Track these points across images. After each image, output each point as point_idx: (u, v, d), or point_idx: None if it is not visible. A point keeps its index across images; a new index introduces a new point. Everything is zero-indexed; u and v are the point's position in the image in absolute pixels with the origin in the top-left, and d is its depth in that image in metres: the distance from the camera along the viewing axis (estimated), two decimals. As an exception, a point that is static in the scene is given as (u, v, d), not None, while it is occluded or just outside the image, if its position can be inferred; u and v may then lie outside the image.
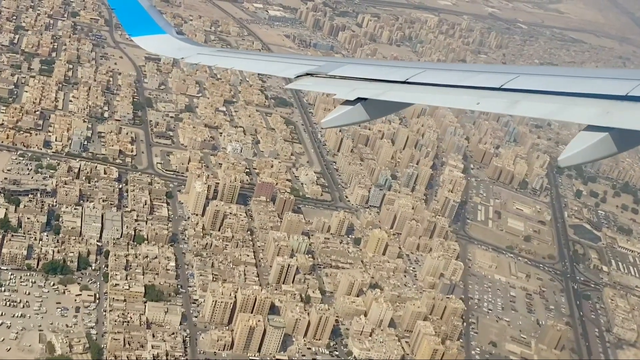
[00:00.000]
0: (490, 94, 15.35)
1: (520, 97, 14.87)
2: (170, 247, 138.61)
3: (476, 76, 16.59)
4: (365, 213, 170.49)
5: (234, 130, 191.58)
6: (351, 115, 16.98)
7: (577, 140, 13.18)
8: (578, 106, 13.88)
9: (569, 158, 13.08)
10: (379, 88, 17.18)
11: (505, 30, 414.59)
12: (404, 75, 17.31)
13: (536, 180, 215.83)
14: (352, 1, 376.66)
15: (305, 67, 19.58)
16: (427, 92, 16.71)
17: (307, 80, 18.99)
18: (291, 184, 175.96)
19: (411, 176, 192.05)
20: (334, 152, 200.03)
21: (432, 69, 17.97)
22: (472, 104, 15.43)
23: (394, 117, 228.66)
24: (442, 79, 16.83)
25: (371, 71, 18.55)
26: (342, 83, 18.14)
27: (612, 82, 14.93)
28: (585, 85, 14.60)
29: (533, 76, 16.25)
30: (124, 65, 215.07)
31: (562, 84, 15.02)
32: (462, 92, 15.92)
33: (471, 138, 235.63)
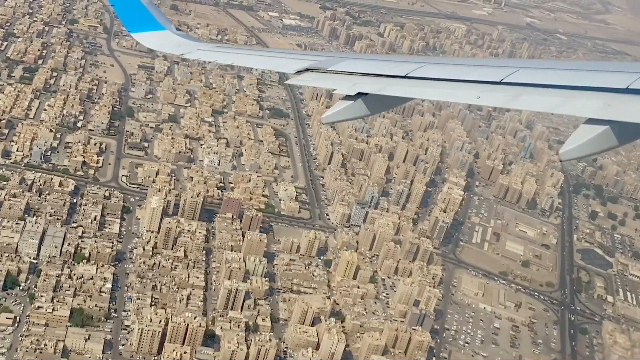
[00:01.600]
0: (491, 87, 15.38)
1: (520, 91, 14.80)
2: (113, 266, 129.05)
3: (476, 70, 16.71)
4: (342, 233, 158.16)
5: (215, 142, 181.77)
6: (352, 110, 17.03)
7: (578, 133, 13.15)
8: (579, 99, 13.87)
9: (569, 151, 12.99)
10: (380, 83, 17.21)
11: (541, 41, 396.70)
12: (404, 70, 17.28)
13: (545, 199, 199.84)
14: (377, 10, 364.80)
15: (306, 63, 19.65)
16: (427, 87, 16.64)
17: (308, 76, 19.02)
18: (267, 199, 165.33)
19: (401, 193, 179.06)
20: (324, 167, 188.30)
21: (432, 64, 18.07)
22: (473, 98, 15.42)
23: (396, 130, 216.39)
24: (443, 74, 16.92)
25: (371, 66, 18.71)
26: (342, 78, 18.16)
27: (612, 75, 14.83)
28: (585, 79, 14.58)
29: (533, 70, 16.41)
30: (113, 74, 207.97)
31: (562, 77, 15.05)
32: (463, 86, 15.91)
33: (481, 153, 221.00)
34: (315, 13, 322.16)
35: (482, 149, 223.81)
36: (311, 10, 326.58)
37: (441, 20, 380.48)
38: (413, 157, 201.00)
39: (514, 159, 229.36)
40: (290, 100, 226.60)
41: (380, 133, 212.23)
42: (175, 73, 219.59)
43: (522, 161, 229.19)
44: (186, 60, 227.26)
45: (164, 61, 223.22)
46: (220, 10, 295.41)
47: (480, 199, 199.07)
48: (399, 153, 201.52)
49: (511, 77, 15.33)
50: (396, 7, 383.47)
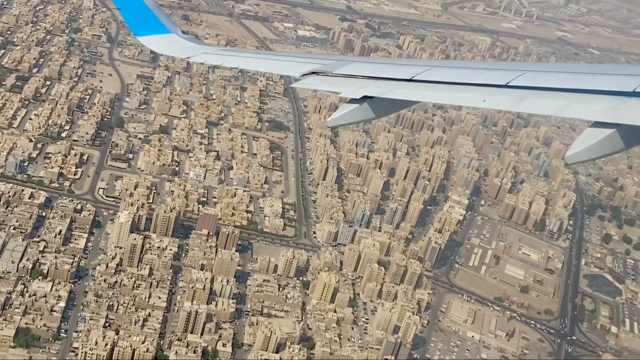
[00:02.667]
0: (497, 91, 15.30)
1: (526, 94, 14.81)
2: (72, 284, 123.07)
3: (482, 74, 16.67)
4: (326, 252, 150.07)
5: (204, 154, 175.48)
6: (357, 113, 16.90)
7: (584, 136, 13.07)
8: (585, 103, 13.85)
9: (575, 155, 12.91)
10: (385, 86, 17.13)
11: (572, 56, 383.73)
12: (410, 73, 17.25)
13: (554, 221, 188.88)
14: (399, 22, 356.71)
15: (311, 66, 19.59)
16: (433, 90, 16.52)
17: (313, 79, 19.03)
18: (251, 215, 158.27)
19: (395, 212, 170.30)
20: (318, 182, 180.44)
21: (438, 67, 18.01)
22: (479, 101, 15.24)
23: (401, 145, 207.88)
24: (448, 77, 16.80)
25: (377, 69, 18.57)
26: (347, 81, 18.11)
27: (619, 78, 14.84)
28: (592, 82, 14.58)
29: (539, 73, 16.30)
30: (110, 83, 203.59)
31: (568, 80, 14.92)
32: (468, 89, 15.89)
33: (491, 171, 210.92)
34: (333, 25, 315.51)
35: (492, 166, 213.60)
36: (329, 22, 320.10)
37: (466, 33, 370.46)
38: (415, 174, 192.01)
39: (526, 177, 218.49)
40: (293, 113, 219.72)
41: (382, 148, 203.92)
42: (175, 83, 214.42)
43: (536, 180, 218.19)
44: (188, 70, 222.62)
45: (164, 71, 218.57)
46: (233, 21, 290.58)
47: (484, 219, 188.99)
48: (400, 169, 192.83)
49: (517, 81, 15.29)
50: (420, 20, 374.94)
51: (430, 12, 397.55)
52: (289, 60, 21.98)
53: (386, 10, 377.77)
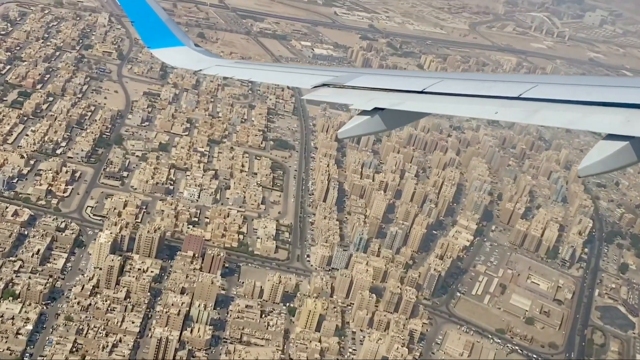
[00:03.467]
0: (509, 103, 15.25)
1: (539, 106, 14.73)
2: (44, 306, 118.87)
3: (494, 86, 16.63)
4: (317, 277, 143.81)
5: (200, 173, 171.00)
6: (368, 125, 16.88)
7: (597, 149, 13.08)
8: (598, 115, 13.73)
9: (588, 167, 12.91)
10: (396, 98, 17.13)
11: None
12: (421, 85, 17.26)
13: (566, 248, 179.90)
14: (423, 42, 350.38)
15: (323, 78, 19.68)
16: (444, 102, 16.55)
17: (324, 91, 19.03)
18: (243, 237, 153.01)
19: (395, 236, 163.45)
20: (319, 203, 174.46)
21: (450, 79, 18.02)
22: (490, 113, 15.23)
23: (411, 166, 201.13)
24: (460, 89, 16.86)
25: (388, 81, 18.80)
26: (358, 93, 18.12)
27: (632, 90, 14.85)
28: (605, 94, 14.52)
29: (552, 85, 16.27)
30: (115, 100, 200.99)
31: (581, 92, 14.89)
32: (480, 101, 15.78)
33: (505, 195, 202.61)
34: (352, 43, 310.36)
35: (506, 190, 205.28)
36: (349, 41, 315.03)
37: (492, 52, 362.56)
38: (421, 197, 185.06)
39: (543, 202, 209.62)
40: (300, 131, 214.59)
41: (389, 169, 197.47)
42: (181, 101, 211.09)
43: (553, 205, 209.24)
44: (197, 88, 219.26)
45: (172, 89, 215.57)
46: (250, 39, 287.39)
47: (493, 245, 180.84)
48: (406, 191, 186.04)
49: (529, 93, 15.24)
50: (445, 39, 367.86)
51: (457, 32, 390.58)
52: (300, 72, 22.09)
53: (410, 30, 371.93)
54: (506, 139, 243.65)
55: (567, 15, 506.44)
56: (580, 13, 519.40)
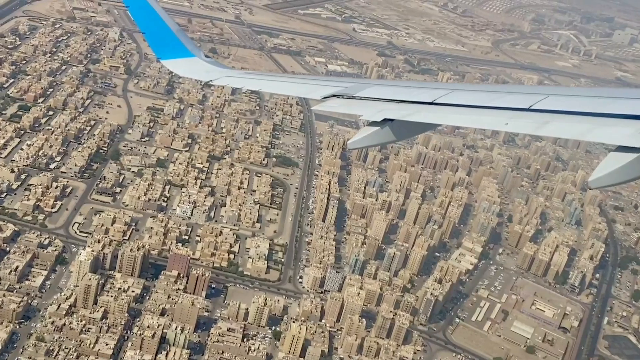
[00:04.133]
0: (519, 114, 15.15)
1: (549, 118, 14.67)
2: (17, 325, 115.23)
3: (504, 97, 16.58)
4: (306, 300, 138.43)
5: (196, 190, 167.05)
6: (378, 136, 16.87)
7: (608, 161, 12.99)
8: (609, 127, 13.71)
9: (599, 179, 12.81)
10: (406, 109, 17.09)
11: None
12: (431, 96, 17.24)
13: (576, 274, 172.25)
14: (442, 59, 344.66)
15: (332, 89, 19.68)
16: (454, 113, 16.44)
17: (334, 102, 19.03)
18: (233, 256, 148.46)
19: (393, 258, 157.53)
20: (317, 222, 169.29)
21: (460, 90, 17.99)
22: (500, 125, 15.20)
23: (417, 186, 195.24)
24: (470, 100, 16.77)
25: (398, 92, 18.70)
26: (368, 104, 18.16)
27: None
28: (615, 106, 14.48)
29: (562, 97, 16.12)
30: (116, 115, 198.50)
31: (592, 104, 14.84)
32: (490, 112, 15.75)
33: (515, 216, 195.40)
34: (368, 60, 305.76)
35: (517, 211, 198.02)
36: (365, 57, 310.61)
37: (513, 70, 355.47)
38: (425, 217, 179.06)
39: (556, 225, 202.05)
40: (306, 148, 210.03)
41: (394, 188, 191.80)
42: (185, 116, 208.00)
43: (566, 228, 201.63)
44: (203, 103, 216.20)
45: (177, 104, 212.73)
46: (263, 55, 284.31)
47: (499, 269, 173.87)
48: (410, 212, 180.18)
49: (540, 104, 15.21)
50: (466, 56, 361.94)
51: (479, 49, 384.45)
52: (310, 83, 22.02)
53: (430, 47, 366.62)
54: (521, 159, 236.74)
55: (595, 34, 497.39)
56: (609, 31, 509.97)
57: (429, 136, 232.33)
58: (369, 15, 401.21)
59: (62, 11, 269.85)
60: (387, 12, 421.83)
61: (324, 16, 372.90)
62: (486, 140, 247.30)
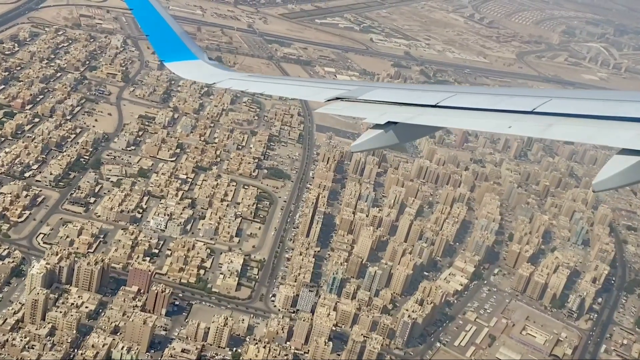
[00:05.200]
0: (523, 117, 15.16)
1: (553, 121, 14.65)
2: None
3: (508, 100, 16.55)
4: (274, 321, 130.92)
5: (174, 201, 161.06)
6: (381, 139, 16.86)
7: (612, 164, 12.95)
8: (613, 129, 13.69)
9: (602, 182, 12.80)
10: (410, 112, 17.07)
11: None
12: (434, 99, 17.22)
13: (574, 297, 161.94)
14: (461, 70, 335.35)
15: (336, 92, 19.72)
16: (458, 116, 16.53)
17: (338, 105, 19.08)
18: (204, 272, 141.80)
19: (374, 277, 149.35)
20: (300, 238, 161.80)
21: (463, 93, 18.08)
22: (504, 128, 15.15)
23: (413, 201, 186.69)
24: (473, 103, 16.78)
25: (401, 95, 18.64)
26: (372, 107, 18.15)
27: None
28: (619, 109, 14.47)
29: (566, 100, 16.08)
30: (105, 123, 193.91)
31: (596, 107, 14.88)
32: (494, 115, 15.76)
33: (516, 235, 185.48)
34: (382, 70, 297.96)
35: (519, 229, 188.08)
36: (379, 68, 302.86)
37: (535, 83, 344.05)
38: (417, 234, 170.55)
39: (561, 244, 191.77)
40: (301, 160, 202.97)
41: (388, 203, 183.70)
42: (178, 125, 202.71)
43: (572, 248, 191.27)
44: (199, 112, 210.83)
45: (170, 112, 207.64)
46: (270, 64, 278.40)
47: (491, 290, 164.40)
48: (401, 228, 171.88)
49: (543, 107, 15.18)
50: (486, 68, 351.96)
51: (501, 61, 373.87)
52: (313, 86, 22.28)
53: (450, 58, 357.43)
54: (530, 175, 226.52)
55: (628, 47, 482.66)
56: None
57: (434, 149, 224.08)
58: (390, 25, 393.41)
59: (69, 18, 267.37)
60: (409, 23, 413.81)
61: (342, 26, 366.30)
62: (495, 154, 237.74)
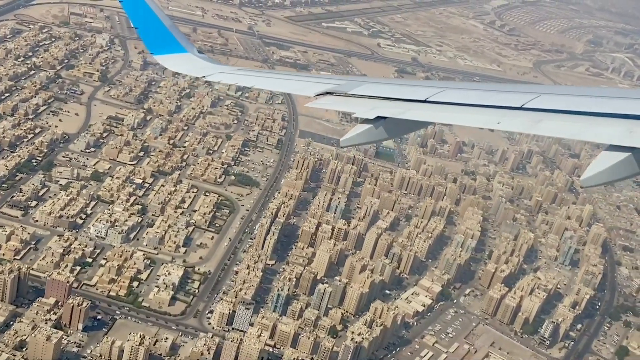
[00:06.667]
0: (512, 113, 15.28)
1: (542, 117, 14.79)
2: None
3: (497, 95, 16.75)
4: (200, 340, 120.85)
5: (121, 207, 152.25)
6: (370, 133, 16.90)
7: (599, 160, 13.11)
8: (601, 126, 13.84)
9: (590, 178, 12.95)
10: (399, 107, 17.15)
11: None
12: (424, 95, 17.29)
13: (546, 324, 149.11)
14: (470, 78, 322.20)
15: (326, 86, 19.72)
16: (447, 111, 16.54)
17: (327, 99, 19.01)
18: (138, 284, 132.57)
19: (323, 294, 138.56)
20: (251, 250, 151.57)
21: (452, 88, 18.01)
22: (493, 123, 15.26)
23: (388, 213, 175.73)
24: (463, 98, 16.91)
25: (391, 90, 18.75)
26: (361, 102, 18.21)
27: (634, 102, 14.87)
28: (607, 105, 14.66)
29: (554, 96, 16.37)
30: (69, 123, 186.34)
31: (584, 103, 15.02)
32: (483, 111, 15.81)
33: (496, 252, 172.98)
34: (387, 76, 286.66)
35: (501, 247, 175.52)
36: (381, 73, 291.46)
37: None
38: (383, 249, 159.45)
39: (546, 264, 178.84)
40: (276, 167, 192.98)
41: (359, 215, 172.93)
42: (148, 127, 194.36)
43: (558, 268, 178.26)
44: (175, 114, 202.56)
45: (143, 114, 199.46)
46: (264, 67, 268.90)
47: (458, 312, 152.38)
48: (367, 242, 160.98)
49: (532, 103, 15.27)
50: (498, 76, 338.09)
51: (516, 70, 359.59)
52: (303, 80, 22.19)
53: (461, 65, 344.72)
54: (524, 189, 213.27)
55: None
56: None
57: (422, 159, 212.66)
58: (402, 30, 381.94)
59: (59, 16, 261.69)
60: (424, 29, 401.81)
61: (349, 30, 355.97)
62: (490, 166, 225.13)
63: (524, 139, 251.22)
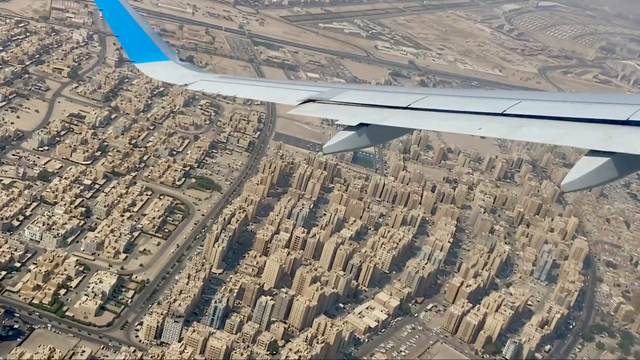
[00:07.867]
0: (493, 119, 15.26)
1: (522, 122, 14.74)
2: None
3: (478, 102, 16.71)
4: (120, 355, 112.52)
5: (61, 209, 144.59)
6: (353, 140, 16.78)
7: (580, 165, 13.04)
8: (580, 131, 13.77)
9: (571, 183, 12.84)
10: (381, 113, 17.08)
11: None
12: (406, 101, 17.19)
13: (508, 343, 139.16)
14: (468, 82, 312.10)
15: (308, 94, 19.50)
16: (429, 118, 16.55)
17: (309, 107, 18.80)
18: (65, 292, 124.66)
19: (264, 307, 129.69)
20: (197, 259, 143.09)
21: (434, 95, 17.88)
22: (474, 129, 15.20)
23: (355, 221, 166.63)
24: (444, 105, 16.81)
25: (373, 97, 18.69)
26: (344, 109, 18.04)
27: (613, 107, 14.81)
28: (587, 110, 14.56)
29: (535, 102, 16.23)
30: (27, 120, 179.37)
31: (564, 109, 14.98)
32: (464, 117, 15.82)
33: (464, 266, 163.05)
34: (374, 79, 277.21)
35: (471, 260, 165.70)
36: (374, 76, 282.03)
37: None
38: (342, 259, 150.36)
39: (520, 279, 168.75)
40: (243, 170, 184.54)
41: (321, 223, 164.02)
42: (110, 126, 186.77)
43: (533, 284, 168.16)
44: (147, 111, 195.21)
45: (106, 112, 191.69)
46: (249, 67, 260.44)
47: (416, 329, 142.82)
48: (325, 252, 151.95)
49: (513, 109, 15.19)
50: (499, 82, 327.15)
51: (519, 75, 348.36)
52: (285, 88, 21.95)
53: (460, 69, 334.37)
54: (508, 199, 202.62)
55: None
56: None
57: (400, 165, 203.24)
58: (403, 33, 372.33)
59: (39, 11, 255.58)
60: (427, 31, 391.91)
61: (347, 31, 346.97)
62: (474, 175, 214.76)
63: (515, 146, 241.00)
